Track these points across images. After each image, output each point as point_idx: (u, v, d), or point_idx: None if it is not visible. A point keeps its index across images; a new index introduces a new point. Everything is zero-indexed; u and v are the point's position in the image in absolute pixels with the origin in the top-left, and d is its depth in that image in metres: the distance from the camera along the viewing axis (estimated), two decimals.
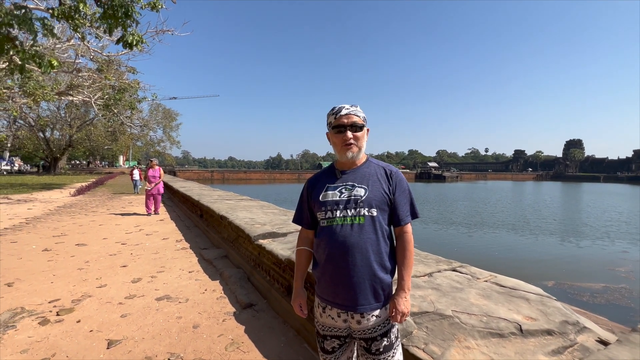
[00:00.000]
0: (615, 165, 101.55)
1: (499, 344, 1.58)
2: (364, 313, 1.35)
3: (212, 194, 9.21)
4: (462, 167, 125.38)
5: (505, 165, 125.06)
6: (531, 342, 1.59)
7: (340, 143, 1.44)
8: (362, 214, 1.37)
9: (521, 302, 1.97)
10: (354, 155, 1.44)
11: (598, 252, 12.15)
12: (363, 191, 1.40)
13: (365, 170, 1.47)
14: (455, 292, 2.10)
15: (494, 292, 2.10)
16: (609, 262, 10.70)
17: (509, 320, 1.73)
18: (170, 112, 40.52)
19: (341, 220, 1.38)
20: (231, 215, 5.14)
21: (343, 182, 1.45)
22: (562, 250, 12.61)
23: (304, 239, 1.59)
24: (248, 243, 4.02)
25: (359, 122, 1.43)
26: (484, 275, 2.46)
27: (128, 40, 5.95)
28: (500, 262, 10.59)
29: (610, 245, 13.10)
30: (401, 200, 1.43)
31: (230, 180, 68.88)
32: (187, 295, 3.59)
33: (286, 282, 2.96)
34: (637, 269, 10.00)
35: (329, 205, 1.42)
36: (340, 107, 1.45)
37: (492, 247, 12.87)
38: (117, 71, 16.97)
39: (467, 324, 1.70)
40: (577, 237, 14.55)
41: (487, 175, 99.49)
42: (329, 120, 1.48)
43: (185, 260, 5.00)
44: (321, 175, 1.56)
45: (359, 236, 1.35)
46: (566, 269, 10.08)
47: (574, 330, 1.70)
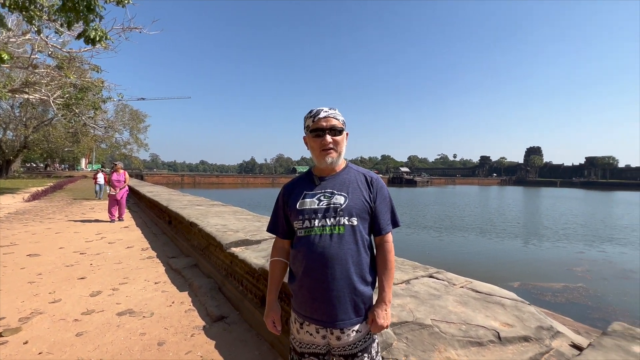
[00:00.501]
0: (570, 171, 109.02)
1: (478, 353, 1.55)
2: (344, 328, 1.28)
3: (181, 199, 8.83)
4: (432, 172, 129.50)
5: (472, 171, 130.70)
6: (509, 350, 1.58)
7: (318, 148, 1.36)
8: (342, 223, 1.29)
9: (497, 308, 1.98)
10: (333, 161, 1.37)
11: (557, 253, 12.88)
12: (343, 199, 1.33)
13: (345, 176, 1.40)
14: (434, 299, 2.08)
15: (471, 299, 2.10)
16: (567, 263, 11.34)
17: (487, 327, 1.72)
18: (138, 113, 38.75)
19: (320, 230, 1.30)
20: (202, 222, 4.91)
21: (322, 189, 1.37)
22: (525, 252, 13.24)
23: (279, 249, 1.50)
24: (219, 251, 3.84)
25: (339, 126, 1.37)
26: (460, 280, 2.46)
27: (90, 35, 5.59)
28: (470, 265, 10.93)
29: (568, 246, 13.93)
30: (382, 208, 1.38)
31: (201, 184, 66.92)
32: (152, 308, 3.35)
33: (260, 293, 2.82)
34: (592, 268, 10.67)
35: (307, 214, 1.34)
36: (318, 109, 1.38)
37: (462, 250, 13.29)
38: (79, 69, 15.98)
39: (447, 333, 1.67)
40: (538, 240, 15.36)
41: (455, 180, 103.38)
42: (307, 124, 1.40)
43: (152, 270, 4.71)
44: (298, 182, 1.47)
45: (338, 247, 1.27)
46: (529, 270, 10.58)
47: (549, 335, 1.72)
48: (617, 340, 1.56)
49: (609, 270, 10.40)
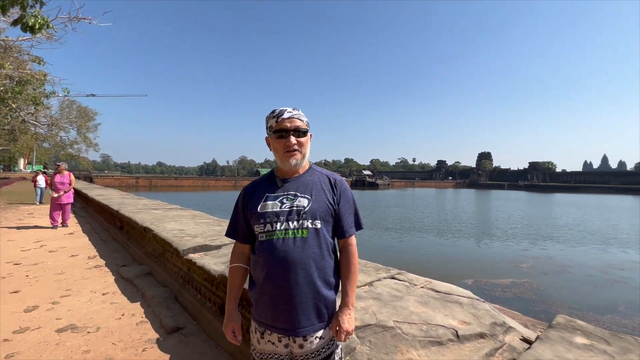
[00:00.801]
0: (516, 174, 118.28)
1: (438, 352, 1.59)
2: (307, 336, 1.23)
3: (135, 203, 8.28)
4: (393, 175, 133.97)
5: (430, 174, 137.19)
6: (467, 347, 1.63)
7: (282, 149, 1.32)
8: (306, 227, 1.26)
9: (455, 306, 2.05)
10: (297, 163, 1.33)
11: (505, 251, 13.85)
12: (306, 201, 1.29)
13: (309, 178, 1.36)
14: (396, 300, 2.10)
15: (431, 299, 2.16)
16: (514, 260, 12.23)
17: (446, 326, 1.77)
18: (87, 110, 35.87)
19: (282, 234, 1.25)
20: (157, 227, 4.62)
21: (284, 192, 1.33)
22: (478, 250, 14.08)
23: (238, 255, 1.42)
24: (176, 258, 3.63)
25: (303, 127, 1.33)
26: (420, 281, 2.53)
27: (29, 22, 5.04)
28: (429, 265, 11.39)
29: (515, 244, 15.04)
30: (345, 210, 1.36)
31: (158, 187, 63.54)
32: (98, 322, 3.07)
33: (220, 301, 2.69)
34: (535, 264, 11.59)
35: (269, 217, 1.28)
36: (281, 109, 1.33)
37: (421, 250, 13.83)
38: (17, 59, 14.48)
39: (409, 334, 1.69)
40: (489, 239, 16.42)
41: (414, 183, 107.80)
42: (269, 124, 1.35)
43: (99, 280, 4.33)
44: (259, 184, 1.41)
45: (302, 251, 1.23)
46: (482, 267, 11.26)
47: (502, 331, 1.80)
48: (561, 333, 1.68)
49: (549, 266, 11.37)
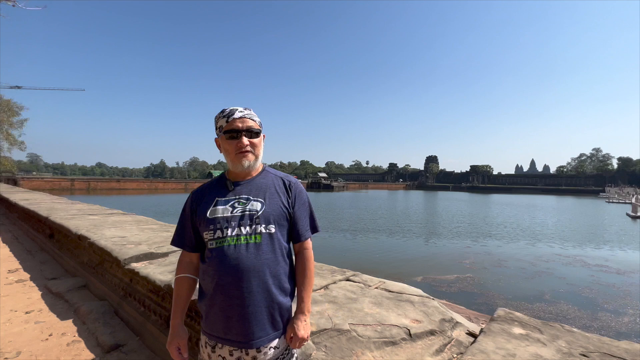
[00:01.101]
0: (459, 177, 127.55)
1: (392, 352, 1.61)
2: (261, 347, 1.17)
3: (69, 208, 7.47)
4: (348, 177, 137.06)
5: (382, 176, 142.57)
6: (419, 345, 1.68)
7: (234, 150, 1.25)
8: (259, 232, 1.20)
9: (407, 305, 2.11)
10: (250, 165, 1.27)
11: (450, 248, 14.81)
12: (259, 205, 1.23)
13: (262, 181, 1.31)
14: (351, 303, 2.11)
15: (385, 299, 2.20)
16: (458, 256, 13.12)
17: (400, 326, 1.81)
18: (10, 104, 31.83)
19: (234, 240, 1.18)
20: (94, 234, 4.20)
21: (236, 195, 1.26)
22: (426, 249, 14.89)
23: (186, 265, 1.32)
24: (117, 268, 3.31)
25: (255, 127, 1.28)
26: (375, 282, 2.57)
27: None
28: (382, 265, 11.78)
29: (458, 242, 16.15)
30: (301, 213, 1.32)
31: (98, 190, 58.29)
32: (19, 346, 2.69)
33: (166, 313, 2.50)
34: (477, 260, 12.54)
35: (219, 223, 1.20)
36: (232, 109, 1.27)
37: (374, 250, 14.26)
38: None
39: (364, 336, 1.70)
40: (436, 237, 17.46)
41: (368, 185, 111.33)
42: (219, 124, 1.27)
43: (22, 297, 3.82)
44: (209, 187, 1.33)
45: (255, 258, 1.17)
46: (429, 264, 11.91)
47: (450, 326, 1.89)
48: (501, 325, 1.80)
49: (488, 261, 12.37)
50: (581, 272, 11.05)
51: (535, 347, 1.53)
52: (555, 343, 1.58)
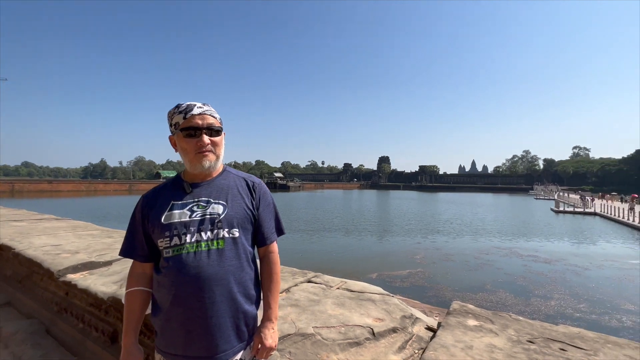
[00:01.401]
0: (410, 176, 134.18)
1: (357, 353, 1.61)
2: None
3: None
4: (304, 177, 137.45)
5: (338, 176, 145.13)
6: (382, 344, 1.70)
7: (193, 150, 1.15)
8: (222, 237, 1.12)
9: (369, 304, 2.14)
10: (211, 165, 1.18)
11: (402, 245, 15.51)
12: (221, 208, 1.15)
13: (223, 182, 1.22)
14: (314, 305, 2.08)
15: (347, 299, 2.21)
16: (409, 252, 13.77)
17: (363, 326, 1.82)
18: None
19: (193, 247, 1.09)
20: (20, 244, 3.69)
21: (194, 198, 1.16)
22: (380, 246, 15.42)
23: (137, 277, 1.19)
24: (49, 281, 2.94)
25: (216, 125, 1.19)
26: (336, 282, 2.57)
27: None
28: (339, 264, 11.95)
29: (410, 239, 16.97)
30: (266, 215, 1.26)
31: (25, 192, 51.93)
32: None
33: (110, 328, 2.27)
34: (426, 255, 13.26)
35: (176, 229, 1.10)
36: (189, 104, 1.16)
37: (332, 250, 14.43)
38: None
39: (328, 339, 1.68)
40: (389, 235, 18.16)
41: (324, 185, 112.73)
42: (175, 121, 1.16)
43: None
44: (162, 190, 1.21)
45: (218, 265, 1.09)
46: (383, 261, 12.36)
47: (410, 323, 1.95)
48: (457, 318, 1.89)
49: (437, 255, 13.16)
50: (516, 262, 12.21)
51: (489, 338, 1.62)
52: (505, 332, 1.69)
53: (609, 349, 1.56)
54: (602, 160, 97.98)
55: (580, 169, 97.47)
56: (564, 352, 1.52)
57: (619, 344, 1.63)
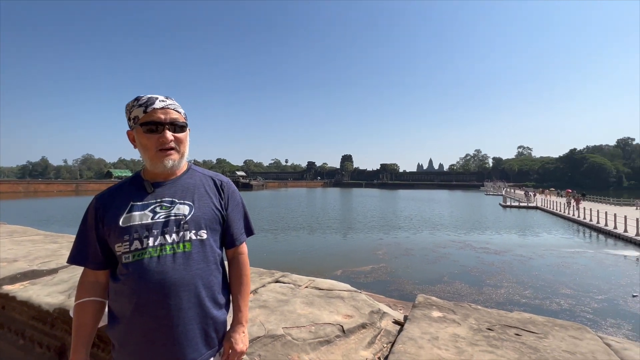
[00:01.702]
0: (371, 174, 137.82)
1: (328, 351, 1.61)
2: None
3: None
4: (267, 176, 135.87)
5: (301, 175, 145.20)
6: (352, 340, 1.72)
7: (154, 147, 1.06)
8: (188, 239, 1.05)
9: (338, 301, 2.15)
10: (174, 164, 1.10)
11: (365, 241, 15.88)
12: (187, 208, 1.08)
13: (189, 181, 1.15)
14: (283, 305, 2.05)
15: (316, 297, 2.20)
16: (372, 248, 14.14)
17: (333, 323, 1.82)
18: None
19: (157, 251, 1.01)
20: None
21: (157, 198, 1.08)
22: (343, 243, 15.67)
23: (90, 286, 1.09)
24: None
25: (181, 120, 1.11)
26: (304, 281, 2.56)
27: None
28: (304, 262, 11.96)
29: (372, 235, 17.41)
30: (235, 215, 1.21)
31: None
32: None
33: (57, 343, 2.06)
34: (388, 250, 13.69)
35: (137, 232, 1.02)
36: (151, 97, 1.08)
37: (296, 248, 14.40)
38: None
39: (299, 339, 1.66)
40: (353, 232, 18.51)
41: (287, 183, 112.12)
42: (134, 115, 1.07)
43: None
44: (119, 190, 1.12)
45: (184, 269, 1.02)
46: (347, 258, 12.56)
47: (378, 317, 1.99)
48: (422, 310, 1.96)
49: (398, 250, 13.63)
50: (470, 254, 13.01)
51: (453, 328, 1.70)
52: (467, 321, 1.79)
53: (556, 331, 1.70)
54: (542, 159, 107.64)
55: (524, 166, 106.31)
56: (519, 336, 1.63)
57: (564, 326, 1.78)
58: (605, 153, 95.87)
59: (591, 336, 1.66)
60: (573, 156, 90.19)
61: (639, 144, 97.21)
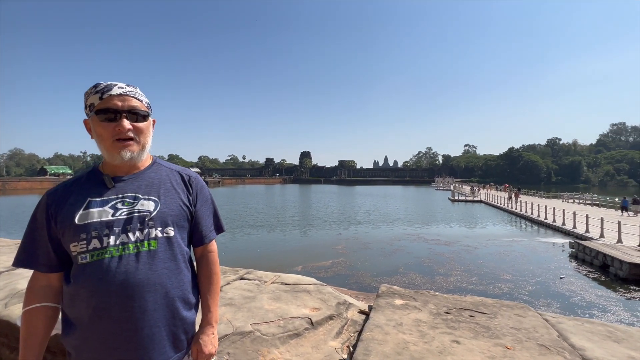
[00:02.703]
0: (330, 171, 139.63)
1: (297, 344, 1.62)
2: None
3: None
4: (224, 172, 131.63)
5: (259, 171, 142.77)
6: (321, 332, 1.75)
7: (110, 136, 0.98)
8: (154, 236, 0.99)
9: (305, 295, 2.17)
10: (133, 156, 1.02)
11: (325, 236, 16.10)
12: (153, 204, 1.02)
13: (154, 175, 1.08)
14: (249, 302, 2.02)
15: (283, 292, 2.20)
16: (332, 243, 14.38)
17: (301, 317, 1.84)
18: None
19: (118, 250, 0.94)
20: None
21: (118, 194, 1.01)
22: (303, 239, 15.75)
23: (40, 290, 0.99)
24: None
25: (142, 109, 1.03)
26: (270, 277, 2.54)
27: None
28: (263, 259, 11.82)
29: (332, 230, 17.70)
30: (204, 212, 1.16)
31: None
32: None
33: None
34: (347, 245, 14.01)
35: (95, 230, 0.94)
36: (109, 83, 1.00)
37: (255, 246, 14.19)
38: None
39: (268, 334, 1.65)
40: (312, 228, 18.66)
41: (245, 180, 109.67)
42: (90, 102, 0.99)
43: None
44: (74, 186, 1.02)
45: (149, 269, 0.96)
46: (307, 253, 12.66)
47: (345, 308, 2.04)
48: (386, 299, 2.05)
49: (357, 245, 14.01)
50: (422, 246, 13.77)
51: (415, 313, 1.80)
52: (427, 307, 1.90)
53: (504, 311, 1.88)
54: (485, 157, 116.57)
55: (470, 163, 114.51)
56: (473, 317, 1.77)
57: (510, 306, 1.97)
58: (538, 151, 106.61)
59: (532, 313, 1.86)
60: (511, 154, 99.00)
61: (564, 143, 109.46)
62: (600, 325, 1.75)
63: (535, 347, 1.47)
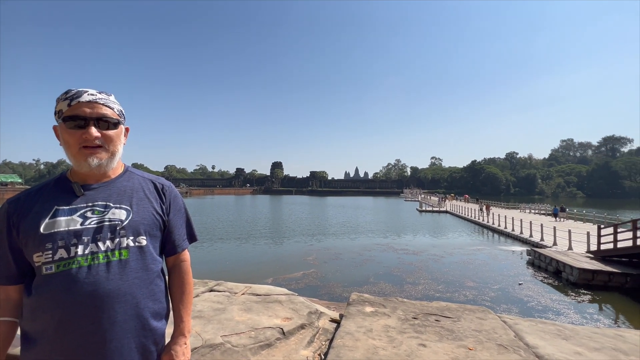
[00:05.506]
0: (301, 181, 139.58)
1: (269, 355, 1.62)
2: None
3: None
4: (192, 182, 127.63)
5: (229, 182, 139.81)
6: (293, 341, 1.75)
7: (76, 144, 0.97)
8: (125, 246, 0.98)
9: (276, 305, 2.16)
10: (101, 164, 1.00)
11: (296, 248, 15.99)
12: (124, 213, 1.01)
13: (126, 184, 1.07)
14: (220, 313, 1.99)
15: (254, 303, 2.18)
16: (303, 254, 14.30)
17: (273, 327, 1.84)
18: None
19: (87, 260, 0.92)
20: None
21: (88, 202, 0.99)
22: (274, 251, 15.54)
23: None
24: None
25: (112, 117, 1.02)
26: (240, 288, 2.51)
27: None
28: (234, 272, 11.52)
29: (303, 241, 17.63)
30: (177, 221, 1.16)
31: None
32: None
33: None
34: (318, 256, 14.00)
35: (62, 239, 0.92)
36: (79, 90, 0.99)
37: (225, 258, 13.80)
38: None
39: (239, 345, 1.63)
40: (283, 239, 18.48)
41: (214, 190, 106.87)
42: (59, 108, 0.98)
43: None
44: (39, 194, 0.99)
45: (120, 279, 0.94)
46: (278, 265, 12.50)
47: (316, 317, 2.06)
48: (356, 307, 2.10)
49: (328, 255, 14.03)
50: (392, 256, 14.05)
51: (384, 320, 1.86)
52: (395, 313, 1.97)
53: (467, 315, 1.98)
54: (450, 169, 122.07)
55: (436, 175, 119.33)
56: (438, 322, 1.86)
57: (472, 310, 2.08)
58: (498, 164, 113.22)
59: (492, 316, 1.98)
60: (474, 167, 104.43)
61: (521, 157, 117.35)
62: (552, 325, 1.90)
63: (494, 347, 1.58)
